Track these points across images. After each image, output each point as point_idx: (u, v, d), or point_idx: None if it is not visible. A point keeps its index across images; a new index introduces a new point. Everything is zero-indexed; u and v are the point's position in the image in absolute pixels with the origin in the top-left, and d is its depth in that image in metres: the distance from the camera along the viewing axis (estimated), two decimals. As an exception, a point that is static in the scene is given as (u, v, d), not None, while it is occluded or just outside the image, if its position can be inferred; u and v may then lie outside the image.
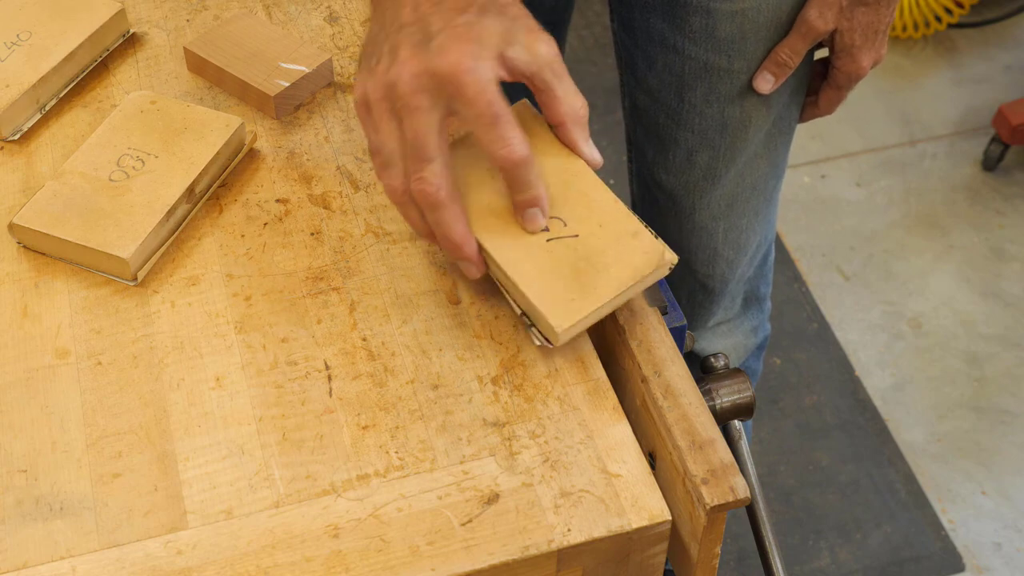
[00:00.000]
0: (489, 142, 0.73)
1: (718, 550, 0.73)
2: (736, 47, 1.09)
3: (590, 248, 0.77)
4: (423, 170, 0.74)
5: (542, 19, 1.22)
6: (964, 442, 1.94)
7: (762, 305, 1.39)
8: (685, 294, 1.30)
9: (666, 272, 0.77)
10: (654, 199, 1.25)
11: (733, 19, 1.07)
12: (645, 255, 0.76)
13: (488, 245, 0.77)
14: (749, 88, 1.11)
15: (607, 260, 0.76)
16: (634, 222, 0.78)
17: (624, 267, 0.76)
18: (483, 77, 0.72)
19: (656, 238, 0.77)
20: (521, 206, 0.76)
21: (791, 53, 1.09)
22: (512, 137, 0.73)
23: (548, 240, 0.77)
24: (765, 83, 1.10)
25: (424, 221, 0.76)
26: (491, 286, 0.82)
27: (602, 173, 0.81)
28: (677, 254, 0.79)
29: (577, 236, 0.77)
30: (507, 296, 0.78)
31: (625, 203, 0.79)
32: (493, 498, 0.71)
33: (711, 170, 1.18)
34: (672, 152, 1.18)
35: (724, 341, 1.37)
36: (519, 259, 0.76)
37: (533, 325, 0.76)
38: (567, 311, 0.74)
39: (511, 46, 0.74)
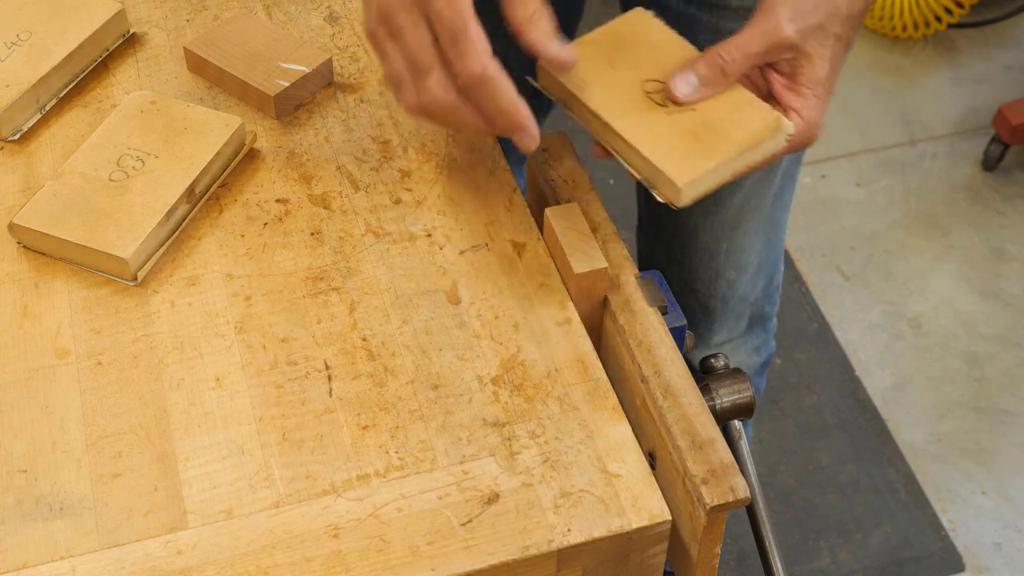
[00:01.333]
0: (451, 57, 0.74)
1: (718, 550, 0.73)
2: None
3: (708, 116, 0.79)
4: (425, 82, 0.75)
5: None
6: (964, 442, 1.94)
7: (767, 325, 1.38)
8: (687, 314, 1.29)
9: (783, 142, 0.79)
10: (659, 216, 1.25)
11: None
12: (763, 121, 0.78)
13: (607, 116, 0.79)
14: None
15: (725, 125, 0.78)
16: (749, 95, 0.80)
17: (742, 131, 0.78)
18: None
19: (773, 109, 0.79)
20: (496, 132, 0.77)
21: (736, 56, 0.80)
22: (469, 52, 0.73)
23: (668, 113, 0.79)
24: (685, 85, 0.80)
25: (446, 120, 0.78)
26: (491, 286, 0.82)
27: (612, 192, 0.81)
28: (680, 273, 0.80)
29: (695, 110, 0.80)
30: (628, 167, 0.80)
31: (631, 220, 0.80)
32: (493, 498, 0.71)
33: (716, 193, 1.18)
34: None
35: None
36: (638, 125, 0.79)
37: (655, 188, 0.79)
38: (688, 167, 0.77)
39: None
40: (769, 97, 0.82)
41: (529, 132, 0.76)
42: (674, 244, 1.25)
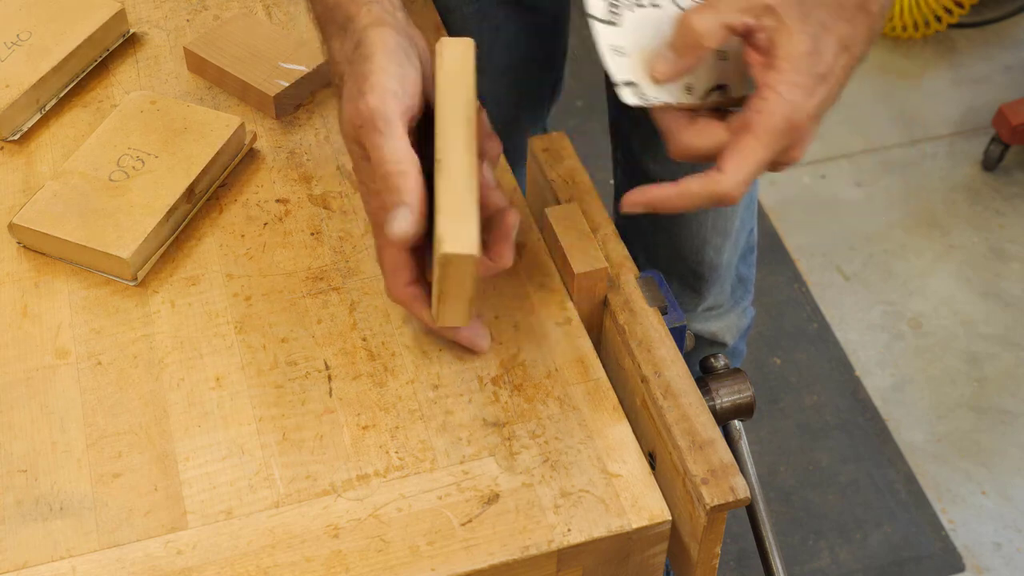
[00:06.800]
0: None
1: (718, 550, 0.73)
2: None
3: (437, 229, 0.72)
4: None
5: (543, 18, 1.22)
6: (964, 442, 1.94)
7: (747, 287, 1.41)
8: (675, 280, 1.31)
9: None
10: (643, 188, 1.26)
11: None
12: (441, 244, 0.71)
13: None
14: None
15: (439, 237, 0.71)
16: (470, 220, 0.71)
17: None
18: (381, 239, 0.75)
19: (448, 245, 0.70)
20: None
21: (708, 16, 0.73)
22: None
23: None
24: (663, 63, 0.74)
25: None
26: (491, 286, 0.82)
27: (612, 192, 0.78)
28: (668, 242, 0.78)
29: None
30: None
31: (608, 192, 0.78)
32: (493, 498, 0.71)
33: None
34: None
35: (718, 323, 1.38)
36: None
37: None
38: None
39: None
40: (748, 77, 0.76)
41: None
42: (660, 215, 1.26)
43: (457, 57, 0.76)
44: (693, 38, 0.73)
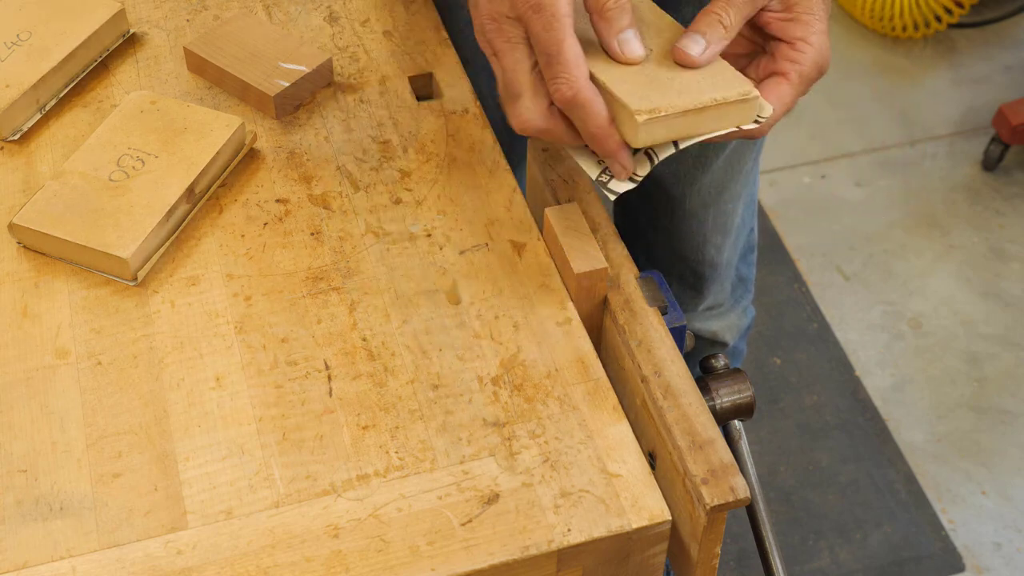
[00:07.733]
0: (546, 78, 0.74)
1: (718, 550, 0.73)
2: None
3: (685, 78, 0.76)
4: (515, 107, 0.76)
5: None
6: (964, 442, 1.94)
7: (748, 286, 1.41)
8: (675, 279, 1.31)
9: (751, 117, 0.76)
10: (642, 186, 1.26)
11: None
12: (737, 89, 0.76)
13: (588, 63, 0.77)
14: None
15: (700, 86, 0.76)
16: (734, 70, 0.77)
17: (714, 92, 0.75)
18: (551, 11, 0.72)
19: (749, 82, 0.76)
20: (586, 139, 0.77)
21: (729, 8, 0.79)
22: (561, 76, 0.73)
23: (644, 71, 0.77)
24: (695, 45, 0.78)
25: (544, 139, 0.77)
26: (491, 286, 0.82)
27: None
28: (667, 241, 0.78)
29: (672, 72, 0.77)
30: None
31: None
32: (493, 498, 0.71)
33: (701, 157, 1.18)
34: None
35: (718, 322, 1.38)
36: (614, 72, 0.77)
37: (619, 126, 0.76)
38: (650, 104, 0.74)
39: None
40: (770, 40, 0.80)
41: (619, 159, 0.76)
42: (661, 214, 1.25)
43: None
44: (720, 26, 0.77)
